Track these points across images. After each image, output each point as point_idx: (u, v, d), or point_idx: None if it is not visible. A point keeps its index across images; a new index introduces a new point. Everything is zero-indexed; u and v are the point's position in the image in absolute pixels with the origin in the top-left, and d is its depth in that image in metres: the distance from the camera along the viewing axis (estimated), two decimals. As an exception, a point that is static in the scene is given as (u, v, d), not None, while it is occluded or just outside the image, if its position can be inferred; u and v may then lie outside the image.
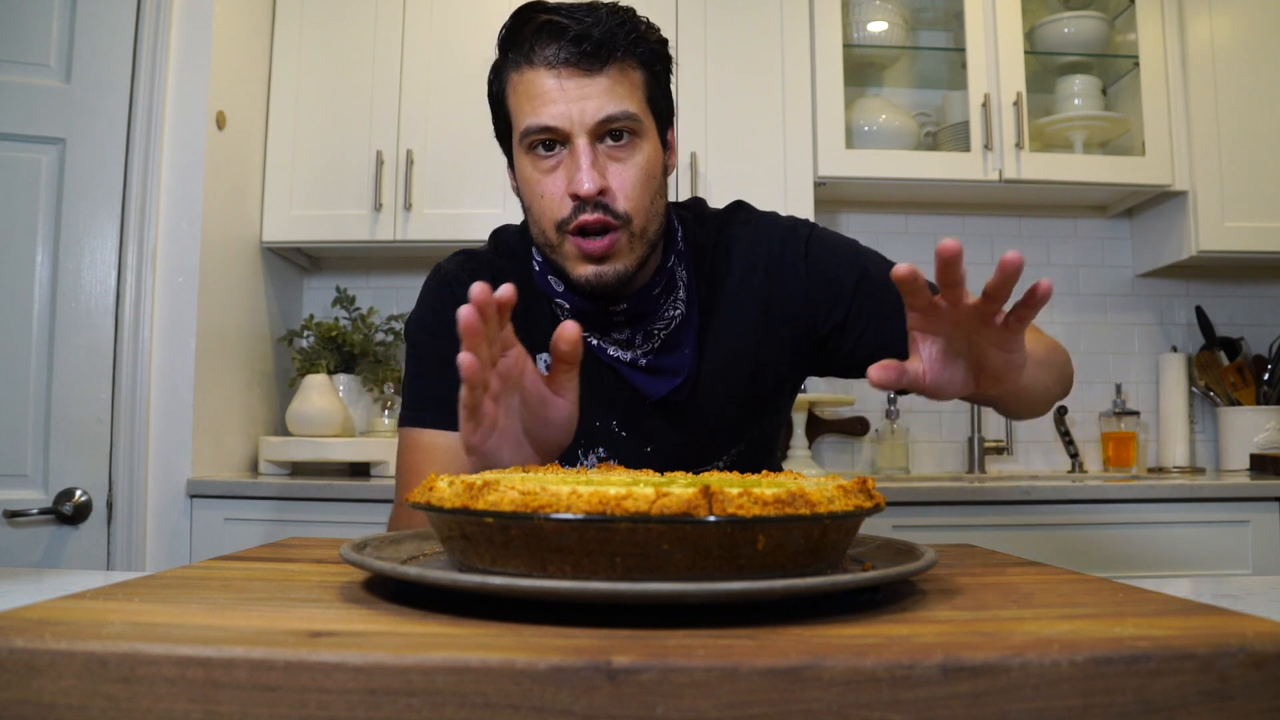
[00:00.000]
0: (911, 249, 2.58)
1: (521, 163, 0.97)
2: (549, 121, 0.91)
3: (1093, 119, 2.33)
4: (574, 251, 0.94)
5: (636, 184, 0.94)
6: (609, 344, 1.03)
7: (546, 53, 0.91)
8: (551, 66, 0.91)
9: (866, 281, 1.06)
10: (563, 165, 0.93)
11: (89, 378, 1.80)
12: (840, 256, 1.08)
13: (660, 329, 1.03)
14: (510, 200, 2.17)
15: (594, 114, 0.91)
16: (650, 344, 1.03)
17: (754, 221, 1.11)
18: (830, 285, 1.06)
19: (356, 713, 0.37)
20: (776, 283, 1.06)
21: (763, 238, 1.08)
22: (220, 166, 2.00)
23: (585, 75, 0.91)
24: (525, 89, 0.93)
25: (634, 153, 0.94)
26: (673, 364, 1.03)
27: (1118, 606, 0.50)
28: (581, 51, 0.90)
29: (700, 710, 0.37)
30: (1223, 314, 2.55)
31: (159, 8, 1.89)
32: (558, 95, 0.91)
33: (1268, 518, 1.91)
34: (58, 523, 1.75)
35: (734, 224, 1.10)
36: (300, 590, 0.55)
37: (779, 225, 1.10)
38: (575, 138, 0.91)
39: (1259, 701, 0.39)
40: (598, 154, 0.92)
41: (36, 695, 0.38)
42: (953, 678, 0.38)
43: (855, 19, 2.35)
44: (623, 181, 0.93)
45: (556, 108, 0.91)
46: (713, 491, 0.47)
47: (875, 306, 1.06)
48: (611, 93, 0.91)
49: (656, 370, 1.03)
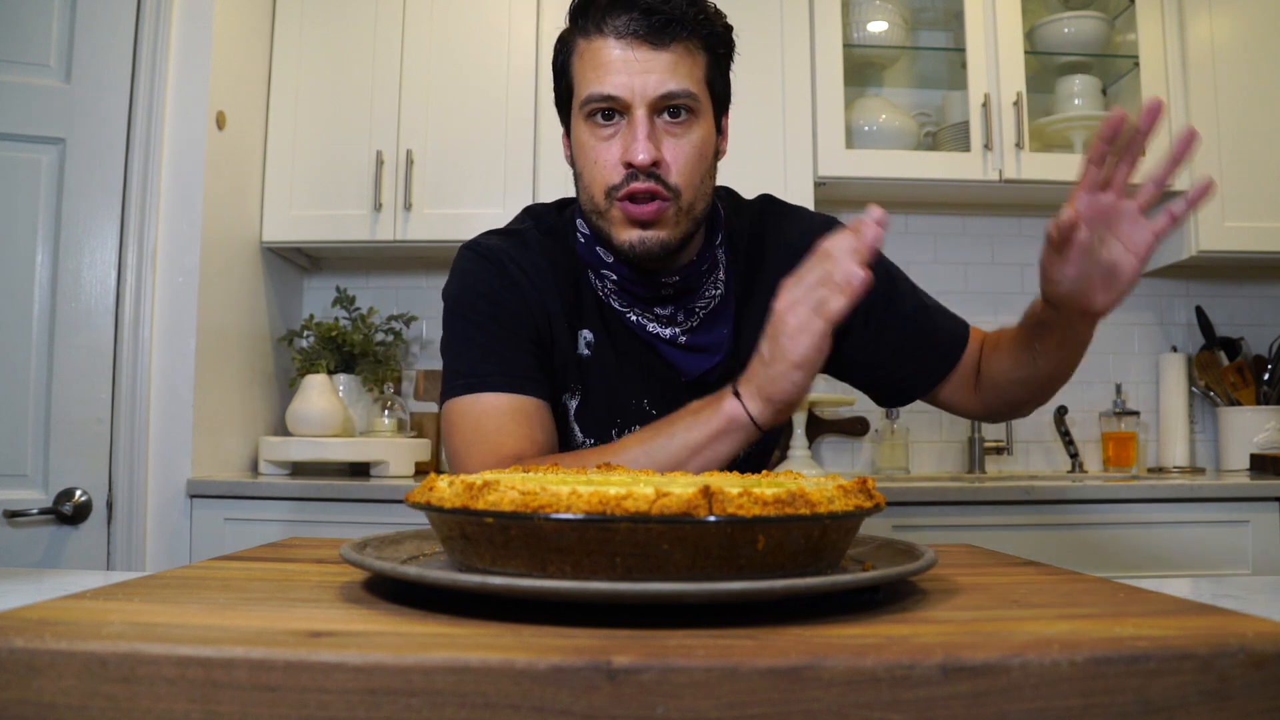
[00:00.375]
0: (911, 249, 2.58)
1: (579, 129, 0.99)
2: (611, 90, 0.94)
3: (1093, 119, 2.33)
4: (620, 216, 0.97)
5: (689, 160, 0.96)
6: (649, 320, 1.05)
7: (616, 22, 0.94)
8: (620, 36, 0.94)
9: (892, 284, 1.11)
10: (620, 134, 0.95)
11: (89, 378, 1.80)
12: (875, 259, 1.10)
13: (701, 307, 1.05)
14: (510, 200, 2.18)
15: (655, 87, 0.93)
16: (690, 321, 1.05)
17: (791, 214, 1.14)
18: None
19: (356, 713, 0.37)
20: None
21: (803, 230, 1.10)
22: (220, 166, 2.00)
23: (651, 49, 0.93)
24: (591, 57, 0.96)
25: (690, 130, 0.96)
26: (711, 343, 1.06)
27: (1118, 606, 0.50)
28: (651, 25, 0.93)
29: (700, 710, 0.37)
30: (1223, 314, 2.55)
31: (159, 8, 1.89)
32: (622, 66, 0.93)
33: (1268, 518, 1.91)
34: (58, 523, 1.75)
35: (771, 213, 1.14)
36: (300, 590, 0.55)
37: (816, 219, 1.13)
38: (635, 108, 0.94)
39: (1259, 701, 0.39)
40: (655, 127, 0.94)
41: (36, 695, 0.38)
42: (953, 678, 0.38)
43: (855, 19, 2.35)
44: (676, 155, 0.95)
45: (620, 78, 0.93)
46: (713, 491, 0.47)
47: (887, 318, 1.10)
48: (674, 69, 0.94)
49: (695, 348, 1.06)
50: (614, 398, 1.07)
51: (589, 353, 1.06)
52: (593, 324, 1.06)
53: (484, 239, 1.10)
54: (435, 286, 2.55)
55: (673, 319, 1.05)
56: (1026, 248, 2.59)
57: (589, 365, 1.06)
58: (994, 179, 2.22)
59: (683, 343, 1.05)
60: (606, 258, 1.03)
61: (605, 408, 1.07)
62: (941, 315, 1.14)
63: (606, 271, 1.03)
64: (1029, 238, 2.59)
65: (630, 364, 1.06)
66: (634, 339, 1.06)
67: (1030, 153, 2.23)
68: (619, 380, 1.06)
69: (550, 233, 1.09)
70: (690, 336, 1.05)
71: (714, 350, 1.06)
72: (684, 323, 1.05)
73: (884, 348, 1.10)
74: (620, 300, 1.05)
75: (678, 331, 1.05)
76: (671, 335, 1.05)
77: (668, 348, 1.05)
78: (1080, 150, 2.34)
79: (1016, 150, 2.21)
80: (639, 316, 1.05)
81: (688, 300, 1.04)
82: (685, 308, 1.05)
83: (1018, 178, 2.22)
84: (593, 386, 1.07)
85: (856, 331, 1.09)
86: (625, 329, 1.06)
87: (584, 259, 1.06)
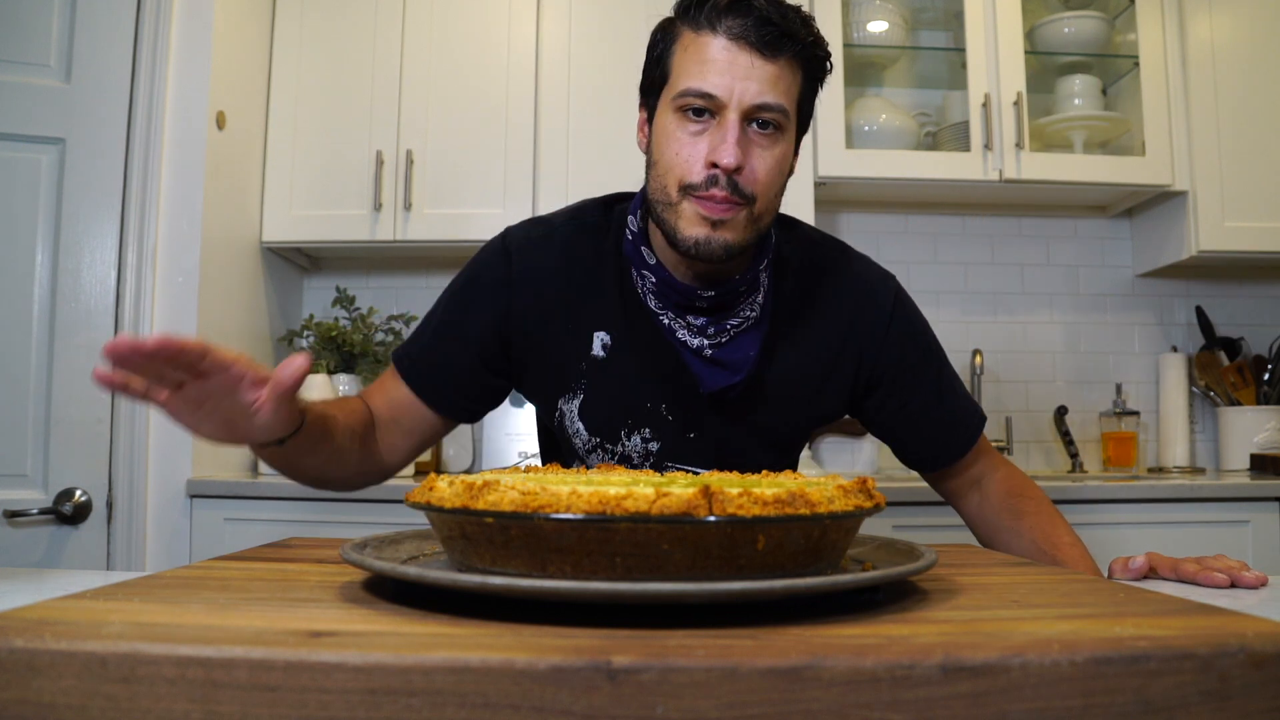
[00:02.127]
0: (911, 249, 2.58)
1: (666, 119, 0.98)
2: (710, 89, 0.93)
3: (1093, 119, 2.33)
4: (691, 212, 0.96)
5: (770, 171, 0.96)
6: (680, 326, 1.05)
7: (731, 23, 0.93)
8: (733, 37, 0.93)
9: (928, 359, 1.12)
10: (708, 134, 0.95)
11: (89, 378, 1.79)
12: (917, 323, 1.13)
13: (733, 325, 1.05)
14: (510, 200, 2.18)
15: (754, 96, 0.93)
16: (721, 337, 1.05)
17: (848, 255, 1.14)
18: (901, 347, 1.10)
19: (356, 713, 0.37)
20: (860, 321, 1.09)
21: (857, 275, 1.11)
22: (220, 166, 2.00)
23: (759, 57, 0.93)
24: (697, 51, 0.95)
25: (774, 144, 0.96)
26: (734, 360, 1.05)
27: (1118, 606, 0.50)
28: (763, 35, 0.93)
29: (700, 710, 0.37)
30: (1223, 314, 2.55)
31: (159, 8, 1.89)
32: (726, 67, 0.93)
33: (1268, 518, 1.91)
34: (58, 523, 1.75)
35: (826, 247, 1.14)
36: (300, 590, 0.55)
37: (872, 268, 1.14)
38: (729, 111, 0.93)
39: (1259, 701, 0.39)
40: (745, 134, 0.94)
41: (36, 695, 0.38)
42: (953, 678, 0.38)
43: (855, 19, 2.35)
44: (758, 165, 0.95)
45: (722, 78, 0.93)
46: (713, 491, 0.47)
47: (920, 383, 1.11)
48: (775, 82, 0.94)
49: (719, 363, 1.05)
50: (629, 398, 1.07)
51: (603, 354, 1.06)
52: (617, 324, 1.06)
53: (517, 229, 1.11)
54: (435, 286, 2.55)
55: (703, 330, 1.05)
56: (1026, 248, 2.59)
57: (601, 366, 1.06)
58: (994, 179, 2.22)
59: (708, 355, 1.05)
60: (649, 259, 1.03)
61: (618, 407, 1.07)
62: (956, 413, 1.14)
63: (646, 272, 1.04)
64: (1029, 238, 2.59)
65: (652, 367, 1.06)
66: (661, 343, 1.06)
67: (1030, 153, 2.23)
68: (636, 381, 1.07)
69: (586, 230, 1.09)
70: (716, 351, 1.05)
71: (736, 369, 1.05)
72: (714, 336, 1.05)
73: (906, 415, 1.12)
74: (657, 301, 1.05)
75: (705, 343, 1.05)
76: (699, 345, 1.05)
77: (692, 357, 1.05)
78: (1080, 150, 2.34)
79: (1016, 150, 2.21)
80: (671, 320, 1.05)
81: (722, 316, 1.04)
82: (718, 323, 1.04)
83: (1018, 178, 2.22)
84: (602, 387, 1.07)
85: (878, 395, 1.12)
86: (654, 330, 1.06)
87: (628, 255, 1.06)
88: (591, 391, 1.07)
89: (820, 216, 2.34)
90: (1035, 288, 2.58)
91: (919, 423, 1.12)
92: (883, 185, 2.33)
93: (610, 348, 1.06)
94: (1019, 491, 1.13)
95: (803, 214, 2.18)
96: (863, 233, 2.56)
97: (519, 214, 2.17)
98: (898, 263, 2.55)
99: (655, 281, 1.03)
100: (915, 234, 2.58)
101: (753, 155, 0.95)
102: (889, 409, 1.12)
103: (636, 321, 1.06)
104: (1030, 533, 1.07)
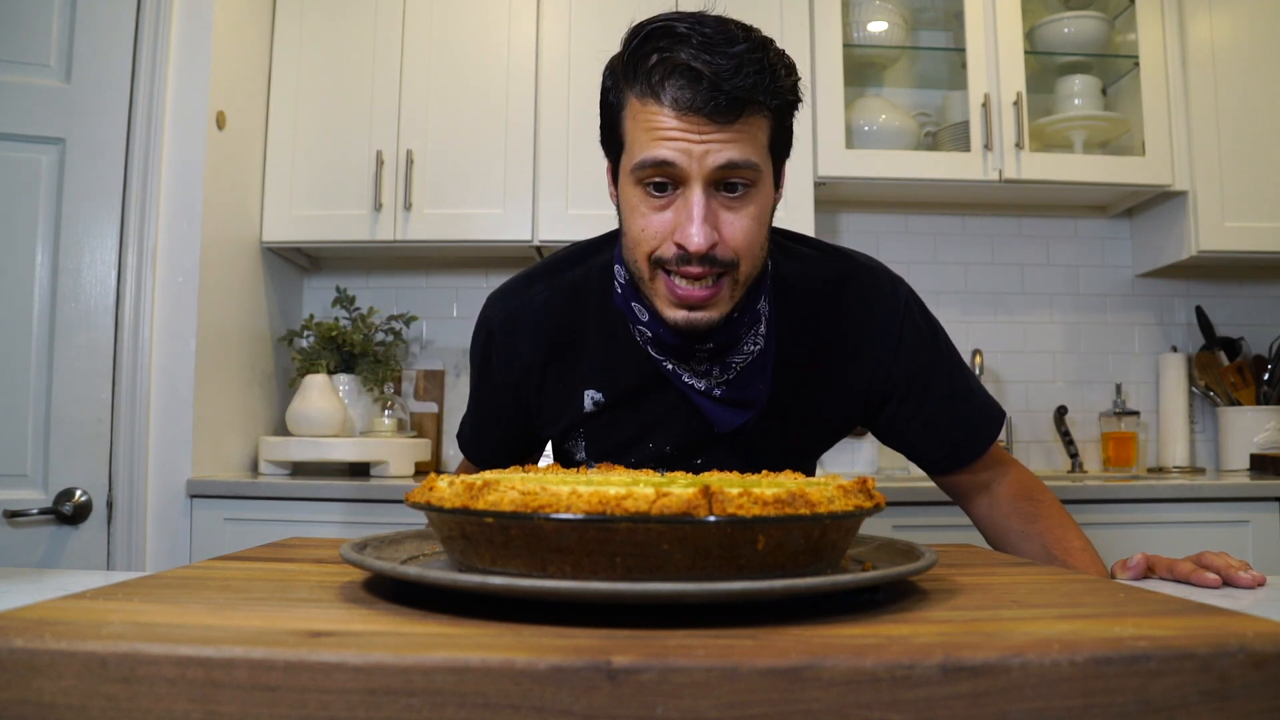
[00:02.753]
0: (911, 249, 2.58)
1: (629, 190, 0.91)
2: (668, 158, 0.86)
3: (1093, 119, 2.33)
4: (666, 292, 0.91)
5: (747, 233, 0.89)
6: (684, 371, 1.01)
7: (678, 95, 0.85)
8: (680, 111, 0.85)
9: (941, 364, 1.08)
10: (674, 207, 0.88)
11: (89, 378, 1.80)
12: (929, 329, 1.09)
13: (738, 362, 1.01)
14: (510, 200, 2.18)
15: (714, 162, 0.85)
16: (727, 375, 1.01)
17: (853, 264, 1.08)
18: (914, 354, 1.06)
19: (356, 713, 0.37)
20: (871, 334, 1.06)
21: (864, 286, 1.06)
22: (220, 166, 2.00)
23: (713, 124, 0.85)
24: (647, 121, 0.87)
25: (749, 203, 0.89)
26: (748, 397, 1.02)
27: (1118, 606, 0.50)
28: (717, 104, 0.84)
29: (700, 710, 0.37)
30: (1223, 314, 2.55)
31: (159, 8, 1.89)
32: (680, 137, 0.85)
33: (1268, 518, 1.91)
34: (58, 523, 1.75)
35: (830, 260, 1.08)
36: (300, 590, 0.55)
37: (880, 276, 1.08)
38: (692, 182, 0.86)
39: (1259, 701, 0.39)
40: (711, 204, 0.87)
41: (36, 695, 0.38)
42: (953, 678, 0.38)
43: (855, 19, 2.35)
44: (733, 231, 0.88)
45: (677, 151, 0.85)
46: (713, 492, 0.47)
47: (934, 389, 1.07)
48: (736, 143, 0.86)
49: (731, 402, 1.02)
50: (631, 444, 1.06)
51: (595, 409, 1.05)
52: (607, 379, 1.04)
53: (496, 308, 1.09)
54: (435, 287, 2.55)
55: (708, 373, 1.01)
56: (1026, 248, 2.59)
57: (595, 419, 1.06)
58: (994, 179, 2.22)
59: (718, 395, 1.01)
60: (642, 315, 0.99)
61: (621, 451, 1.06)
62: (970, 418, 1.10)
63: (641, 328, 1.00)
64: (1029, 238, 2.59)
65: (662, 413, 1.04)
66: (668, 388, 1.02)
67: (1030, 153, 2.23)
68: (649, 429, 1.05)
69: (565, 290, 1.05)
70: (726, 390, 1.01)
71: (751, 404, 1.01)
72: (720, 376, 1.00)
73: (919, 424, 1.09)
74: (657, 349, 1.01)
75: (713, 385, 1.01)
76: (706, 388, 1.01)
77: (703, 399, 1.01)
78: (1080, 150, 2.34)
79: (1016, 150, 2.21)
80: (675, 366, 1.01)
81: (725, 355, 1.00)
82: (722, 362, 1.00)
83: (1018, 178, 2.22)
84: (599, 440, 1.07)
85: (892, 404, 1.08)
86: (658, 379, 1.02)
87: (620, 309, 1.02)
88: (591, 444, 1.08)
89: (820, 216, 2.34)
90: (1035, 288, 2.58)
91: (931, 429, 1.08)
92: (883, 185, 2.33)
93: (603, 404, 1.05)
94: (1030, 495, 1.10)
95: (803, 214, 2.18)
96: (863, 233, 2.56)
97: (519, 214, 2.19)
98: (898, 263, 2.55)
99: (651, 336, 0.99)
100: (915, 234, 2.58)
101: (725, 223, 0.88)
102: (901, 418, 1.08)
103: (632, 372, 1.03)
104: (1041, 537, 1.05)
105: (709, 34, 0.85)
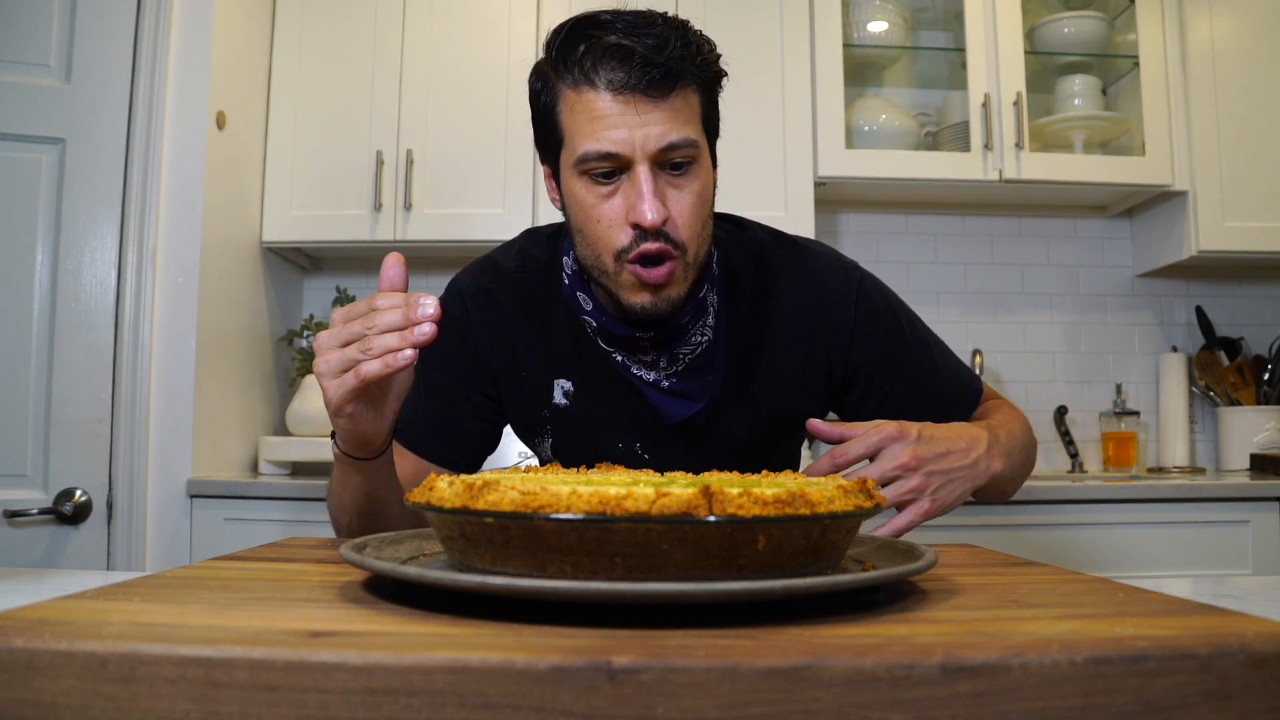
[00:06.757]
0: (911, 249, 2.58)
1: (574, 185, 0.93)
2: (612, 148, 0.88)
3: (1093, 119, 2.33)
4: (631, 280, 0.92)
5: (694, 212, 0.92)
6: (633, 363, 1.02)
7: (611, 77, 0.87)
8: (616, 91, 0.87)
9: (903, 344, 1.08)
10: (621, 191, 0.90)
11: (89, 378, 1.80)
12: (886, 311, 1.08)
13: (686, 354, 1.01)
14: (510, 200, 2.18)
15: (658, 141, 0.87)
16: (675, 367, 1.02)
17: (803, 253, 1.08)
18: (872, 339, 1.06)
19: (356, 713, 0.37)
20: (823, 323, 1.05)
21: (814, 274, 1.06)
22: (220, 166, 2.00)
23: (650, 101, 0.87)
24: (585, 110, 0.89)
25: (692, 180, 0.91)
26: (695, 389, 1.02)
27: (1118, 606, 0.50)
28: (650, 79, 0.86)
29: (700, 710, 0.37)
30: (1223, 314, 2.55)
31: (159, 8, 1.89)
32: (620, 121, 0.87)
33: (1268, 518, 1.91)
34: (58, 523, 1.75)
35: (780, 249, 1.08)
36: (300, 590, 0.55)
37: (831, 263, 1.08)
38: (637, 165, 0.88)
39: (1259, 701, 0.39)
40: (658, 182, 0.89)
41: (36, 695, 0.38)
42: (953, 678, 0.38)
43: (855, 19, 2.35)
44: (681, 209, 0.91)
45: (619, 134, 0.87)
46: (713, 491, 0.47)
47: (900, 370, 1.07)
48: (675, 119, 0.88)
49: (678, 394, 1.02)
50: (599, 441, 1.05)
51: (566, 402, 1.04)
52: (574, 369, 1.04)
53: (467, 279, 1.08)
54: (435, 287, 2.55)
55: (655, 364, 1.01)
56: (1026, 248, 2.59)
57: (565, 413, 1.05)
58: (994, 179, 2.22)
59: (665, 387, 1.02)
60: (586, 305, 1.00)
61: (589, 450, 1.05)
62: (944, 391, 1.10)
63: (586, 318, 1.01)
64: (1029, 237, 2.59)
65: (618, 407, 1.04)
66: (620, 381, 1.03)
67: (1030, 153, 2.23)
68: (603, 424, 1.05)
69: (534, 272, 1.06)
70: (674, 382, 1.02)
71: (697, 397, 1.02)
72: (667, 368, 1.01)
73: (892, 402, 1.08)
74: (605, 340, 1.02)
75: (661, 376, 1.02)
76: (655, 379, 1.02)
77: (651, 390, 1.02)
78: (1080, 150, 2.34)
79: (1016, 150, 2.22)
80: (624, 358, 1.02)
81: (671, 346, 1.01)
82: (669, 354, 1.01)
83: (1018, 178, 2.22)
84: (567, 434, 1.06)
85: (857, 390, 1.08)
86: (611, 371, 1.03)
87: (567, 300, 1.03)
88: (558, 437, 1.06)
89: (820, 216, 2.34)
90: (1035, 288, 2.58)
91: (907, 408, 1.07)
92: (883, 185, 2.33)
93: (573, 395, 1.04)
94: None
95: (803, 214, 2.19)
96: (863, 233, 2.56)
97: (519, 214, 2.19)
98: (898, 263, 2.56)
99: (595, 326, 1.00)
100: (915, 234, 2.58)
101: (673, 200, 0.90)
102: (872, 401, 1.08)
103: (593, 363, 1.03)
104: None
105: (630, 19, 0.89)
